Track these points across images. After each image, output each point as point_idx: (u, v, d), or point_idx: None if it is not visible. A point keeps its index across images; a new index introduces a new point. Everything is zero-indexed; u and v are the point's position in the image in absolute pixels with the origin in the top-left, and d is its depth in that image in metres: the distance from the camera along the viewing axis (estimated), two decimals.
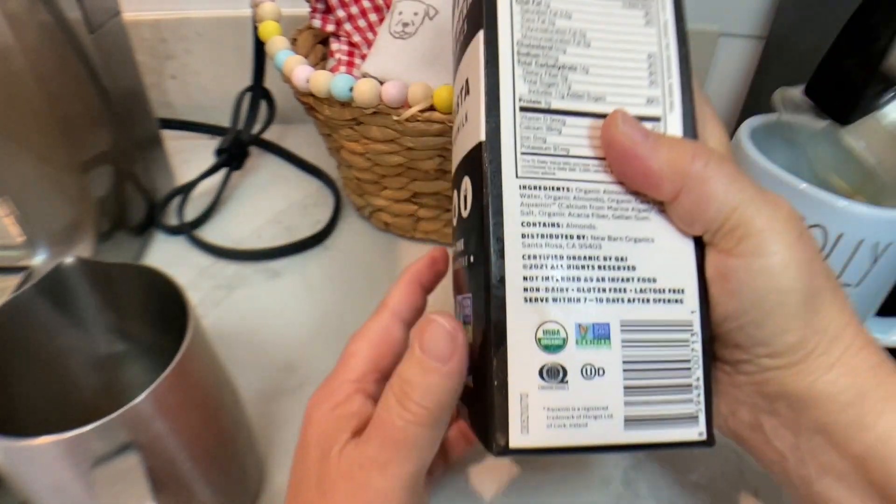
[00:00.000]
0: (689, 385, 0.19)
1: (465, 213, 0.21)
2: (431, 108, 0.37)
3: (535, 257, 0.18)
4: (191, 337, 0.23)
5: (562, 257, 0.18)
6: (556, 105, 0.19)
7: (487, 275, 0.18)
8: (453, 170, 0.23)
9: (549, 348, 0.18)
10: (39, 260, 0.40)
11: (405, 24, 0.45)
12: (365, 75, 0.45)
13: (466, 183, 0.20)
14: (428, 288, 0.25)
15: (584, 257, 0.18)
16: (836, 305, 0.18)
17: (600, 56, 0.20)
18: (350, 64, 0.49)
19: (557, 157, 0.19)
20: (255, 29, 0.45)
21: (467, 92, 0.21)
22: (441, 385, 0.18)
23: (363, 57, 0.49)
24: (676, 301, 0.19)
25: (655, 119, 0.20)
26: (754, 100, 0.65)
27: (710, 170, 0.18)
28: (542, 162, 0.19)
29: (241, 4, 0.54)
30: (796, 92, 0.32)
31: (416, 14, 0.44)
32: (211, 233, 0.50)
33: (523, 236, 0.18)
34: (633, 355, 0.18)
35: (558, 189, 0.19)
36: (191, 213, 0.51)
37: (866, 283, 0.31)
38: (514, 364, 0.18)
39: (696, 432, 0.19)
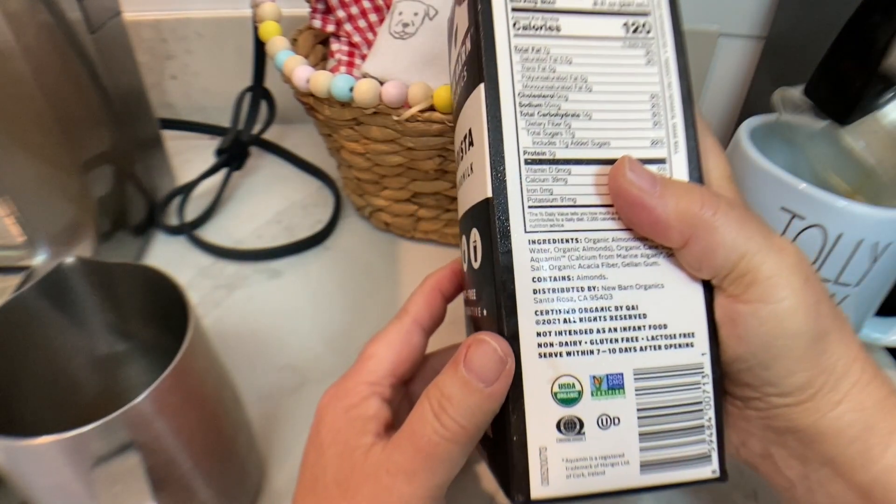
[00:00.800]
0: (702, 426, 0.19)
1: (475, 265, 0.21)
2: (431, 108, 0.37)
3: (547, 312, 0.18)
4: (191, 337, 0.23)
5: (574, 310, 0.18)
6: (560, 155, 0.19)
7: (500, 331, 0.18)
8: (460, 215, 0.23)
9: (565, 402, 0.18)
10: (40, 260, 0.40)
11: (405, 25, 0.45)
12: (365, 75, 0.45)
13: (475, 234, 0.21)
14: (448, 297, 0.25)
15: (596, 308, 0.19)
16: (843, 343, 0.18)
17: (603, 100, 0.20)
18: (350, 64, 0.49)
19: (565, 208, 0.19)
20: (256, 29, 0.45)
21: (471, 143, 0.21)
22: (481, 407, 0.18)
23: (363, 57, 0.49)
24: (687, 345, 0.19)
25: (661, 161, 0.20)
26: (754, 100, 0.65)
27: (718, 218, 0.18)
28: (549, 214, 0.19)
29: (242, 4, 0.54)
30: (796, 92, 0.32)
31: (416, 14, 0.44)
32: (211, 233, 0.50)
33: (535, 292, 0.18)
34: (647, 402, 0.19)
35: (567, 241, 0.19)
36: (191, 213, 0.51)
37: (866, 283, 0.31)
38: (531, 419, 0.18)
39: (710, 470, 0.19)
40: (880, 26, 0.27)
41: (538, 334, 0.18)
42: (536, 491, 0.18)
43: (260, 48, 0.49)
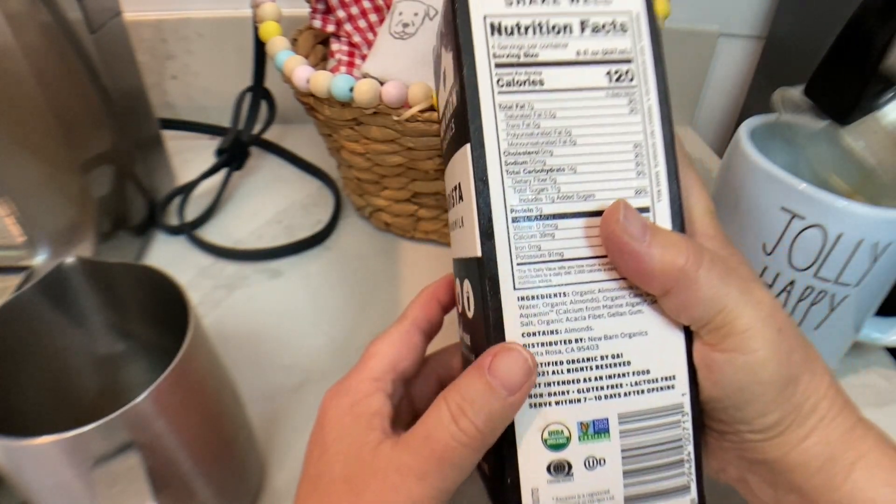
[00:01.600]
0: (682, 460, 0.20)
1: (469, 314, 0.22)
2: (431, 109, 0.37)
3: (536, 365, 0.19)
4: (191, 337, 0.23)
5: (562, 362, 0.19)
6: (547, 210, 0.20)
7: None
8: (453, 257, 0.24)
9: (554, 447, 0.19)
10: (40, 260, 0.40)
11: (405, 25, 0.45)
12: (365, 75, 0.45)
13: (468, 286, 0.21)
14: (445, 306, 0.26)
15: (583, 359, 0.20)
16: (812, 382, 0.20)
17: (587, 153, 0.20)
18: (350, 64, 0.49)
19: (553, 263, 0.19)
20: (256, 29, 0.45)
21: (460, 198, 0.21)
22: (501, 414, 0.19)
23: (363, 57, 0.49)
24: (669, 388, 0.20)
25: (645, 210, 0.20)
26: (754, 100, 0.65)
27: (700, 273, 0.19)
28: (538, 270, 0.19)
29: (242, 5, 0.54)
30: (796, 92, 0.32)
31: (416, 14, 0.44)
32: (211, 233, 0.50)
33: (524, 347, 0.19)
34: (631, 443, 0.20)
35: (555, 295, 0.19)
36: (191, 212, 0.51)
37: (866, 283, 0.31)
38: (524, 463, 0.19)
39: (689, 500, 0.20)
40: (880, 27, 0.27)
41: None
42: None
43: (260, 48, 0.49)
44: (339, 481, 0.20)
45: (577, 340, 0.20)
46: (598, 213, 0.20)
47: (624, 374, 0.20)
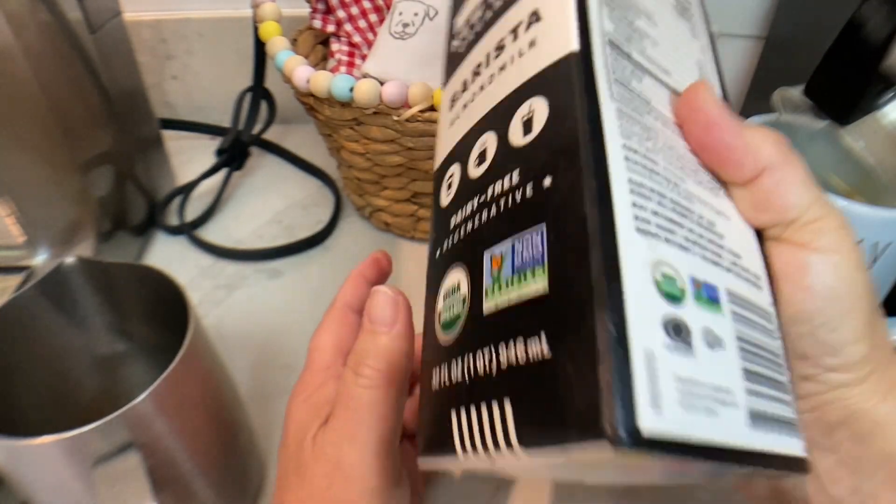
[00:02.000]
0: (786, 384, 0.15)
1: (524, 141, 0.17)
2: (431, 108, 0.37)
3: (640, 185, 0.15)
4: (191, 337, 0.23)
5: (665, 196, 0.15)
6: (636, 57, 0.17)
7: (584, 194, 0.14)
8: (508, 94, 0.18)
9: (669, 297, 0.13)
10: (40, 260, 0.40)
11: (405, 25, 0.45)
12: (365, 75, 0.45)
13: (535, 104, 0.17)
14: (373, 282, 0.26)
15: (683, 206, 0.15)
16: (884, 327, 0.17)
17: (666, 38, 0.19)
18: (350, 64, 0.49)
19: (642, 102, 0.16)
20: (256, 29, 0.45)
21: (538, 18, 0.18)
22: (391, 346, 0.20)
23: (363, 57, 0.49)
24: (758, 287, 0.16)
25: None
26: (754, 100, 0.65)
27: (794, 157, 0.17)
28: (630, 98, 0.16)
29: (242, 5, 0.54)
30: (796, 92, 0.32)
31: (416, 14, 0.44)
32: (211, 233, 0.50)
33: (626, 159, 0.15)
34: (743, 332, 0.15)
35: (649, 129, 0.16)
36: (191, 213, 0.51)
37: None
38: (633, 310, 0.12)
39: (801, 447, 0.15)
40: (880, 27, 0.27)
41: (633, 205, 0.14)
42: (647, 419, 0.11)
43: (260, 48, 0.49)
44: (292, 474, 0.21)
45: (674, 184, 0.16)
46: (676, 91, 0.18)
47: (721, 247, 0.16)
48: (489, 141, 0.18)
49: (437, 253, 0.19)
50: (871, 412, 0.17)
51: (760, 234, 0.17)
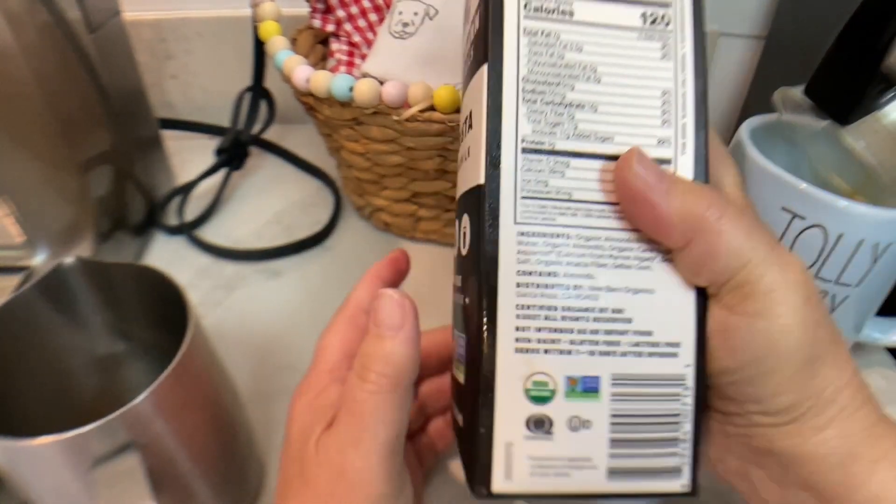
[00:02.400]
0: (676, 439, 0.19)
1: (464, 251, 0.20)
2: (431, 108, 0.37)
3: (528, 307, 0.18)
4: (191, 337, 0.23)
5: (556, 308, 0.18)
6: (560, 146, 0.18)
7: (479, 321, 0.18)
8: (457, 198, 0.22)
9: (536, 399, 0.18)
10: (39, 260, 0.40)
11: (405, 24, 0.45)
12: (365, 75, 0.45)
13: (466, 220, 0.20)
14: (389, 283, 0.26)
15: (580, 308, 0.18)
16: (836, 367, 0.18)
17: (611, 93, 0.19)
18: (350, 64, 0.49)
19: (559, 202, 0.18)
20: (255, 29, 0.45)
21: (470, 126, 0.20)
22: (397, 351, 0.19)
23: (363, 57, 0.49)
24: (671, 355, 0.18)
25: (666, 161, 0.19)
26: (754, 100, 0.65)
27: (724, 222, 0.17)
28: (542, 207, 0.18)
29: (241, 4, 0.54)
30: (796, 92, 0.32)
31: (416, 14, 0.44)
32: (211, 233, 0.50)
33: (518, 285, 0.18)
34: (622, 409, 0.18)
35: (558, 236, 0.18)
36: (191, 213, 0.51)
37: (866, 284, 0.31)
38: (500, 414, 0.18)
39: (679, 484, 0.19)
40: (881, 26, 0.27)
41: (517, 328, 0.18)
42: (498, 485, 0.18)
43: (260, 48, 0.49)
44: (296, 479, 0.21)
45: (575, 287, 0.18)
46: (614, 158, 0.18)
47: (623, 332, 0.18)
48: (466, 225, 0.20)
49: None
50: (794, 449, 0.18)
51: (704, 293, 0.19)
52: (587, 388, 0.18)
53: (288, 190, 0.55)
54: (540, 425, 0.18)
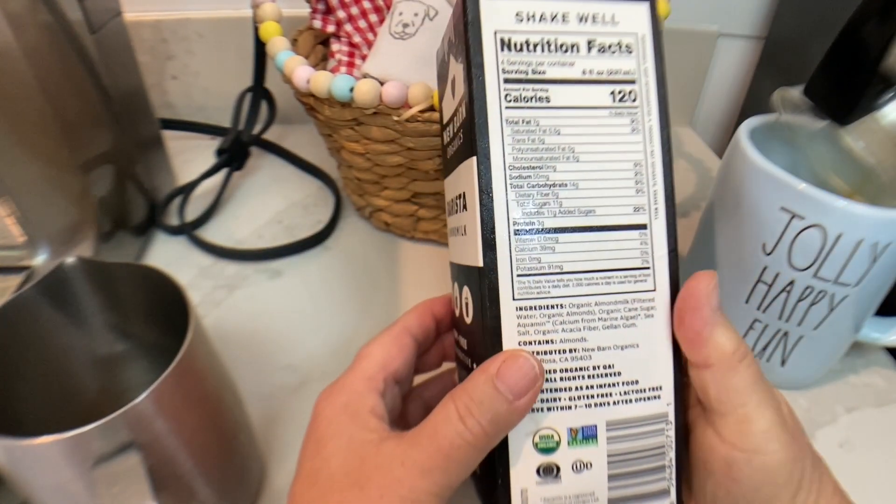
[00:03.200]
0: (663, 465, 0.21)
1: (467, 320, 0.22)
2: (431, 109, 0.37)
3: (544, 372, 0.20)
4: (191, 337, 0.24)
5: (555, 371, 0.20)
6: (549, 224, 0.20)
7: None
8: (451, 260, 0.24)
9: (544, 451, 0.20)
10: (40, 260, 0.40)
11: (405, 25, 0.45)
12: (365, 76, 0.45)
13: (467, 292, 0.22)
14: (439, 320, 0.26)
15: (575, 369, 0.20)
16: (813, 492, 0.21)
17: (589, 169, 0.20)
18: (350, 64, 0.49)
19: (552, 275, 0.20)
20: (256, 29, 0.45)
21: (464, 207, 0.22)
22: (507, 417, 0.19)
23: (363, 57, 0.49)
24: (655, 397, 0.21)
25: (642, 227, 0.21)
26: (754, 100, 0.65)
27: (742, 364, 0.20)
28: (537, 282, 0.20)
29: (242, 5, 0.54)
30: (796, 92, 0.32)
31: (416, 15, 0.45)
32: (212, 233, 0.50)
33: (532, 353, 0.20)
34: (617, 449, 0.21)
35: (552, 307, 0.20)
36: (192, 213, 0.51)
37: (865, 283, 0.31)
38: (515, 466, 0.20)
39: (668, 502, 0.22)
40: (880, 27, 0.27)
41: None
42: None
43: (260, 48, 0.49)
44: (339, 475, 0.20)
45: (571, 351, 0.20)
46: (597, 229, 0.20)
47: (614, 385, 0.21)
48: (467, 296, 0.22)
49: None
50: None
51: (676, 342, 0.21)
52: (587, 435, 0.21)
53: (288, 190, 0.56)
54: (549, 472, 0.20)
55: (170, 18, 0.60)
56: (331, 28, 0.50)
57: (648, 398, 0.21)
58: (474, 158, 0.20)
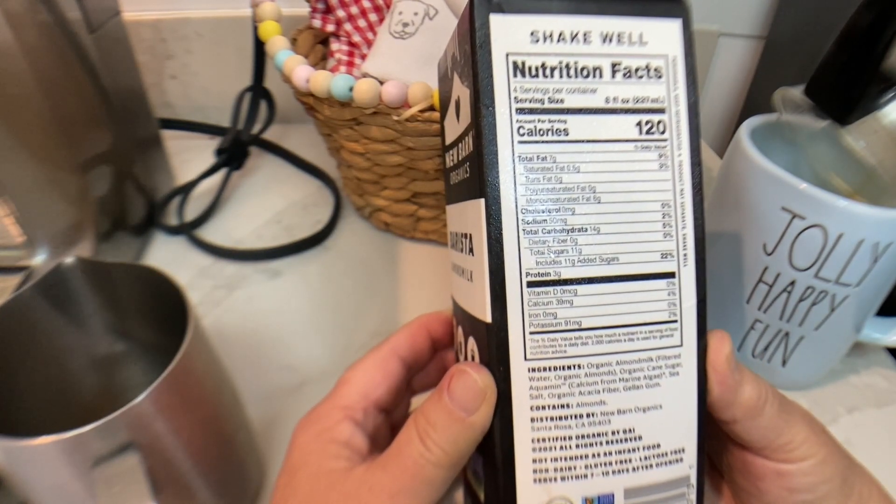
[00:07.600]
0: None
1: None
2: (431, 108, 0.37)
3: (543, 440, 0.18)
4: (191, 337, 0.23)
5: (570, 437, 0.18)
6: (566, 274, 0.18)
7: (495, 456, 0.18)
8: (454, 300, 0.22)
9: None
10: (39, 260, 0.40)
11: (405, 24, 0.45)
12: (365, 75, 0.45)
13: (472, 344, 0.20)
14: (436, 339, 0.25)
15: (593, 434, 0.18)
16: (864, 494, 0.21)
17: (612, 211, 0.18)
18: (350, 64, 0.49)
19: (569, 332, 0.18)
20: (255, 29, 0.45)
21: (470, 250, 0.19)
22: (462, 435, 0.19)
23: (363, 57, 0.49)
24: (678, 461, 0.19)
25: (671, 275, 0.19)
26: (754, 100, 0.65)
27: (767, 407, 0.20)
28: (552, 340, 0.18)
29: (241, 4, 0.54)
30: (796, 92, 0.32)
31: (416, 14, 0.44)
32: (211, 233, 0.50)
33: (532, 420, 0.18)
34: None
35: (569, 367, 0.18)
36: (191, 212, 0.51)
37: (866, 283, 0.31)
38: None
39: None
40: (880, 27, 0.27)
41: (534, 461, 0.18)
42: None
43: (260, 48, 0.49)
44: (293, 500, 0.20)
45: (588, 415, 0.18)
46: (621, 279, 0.18)
47: (634, 450, 0.19)
48: (473, 348, 0.20)
49: None
50: None
51: (703, 394, 0.20)
52: (604, 503, 0.19)
53: (288, 190, 0.56)
54: None
55: (169, 18, 0.60)
56: (330, 27, 0.50)
57: (670, 462, 0.19)
58: (482, 201, 0.18)
